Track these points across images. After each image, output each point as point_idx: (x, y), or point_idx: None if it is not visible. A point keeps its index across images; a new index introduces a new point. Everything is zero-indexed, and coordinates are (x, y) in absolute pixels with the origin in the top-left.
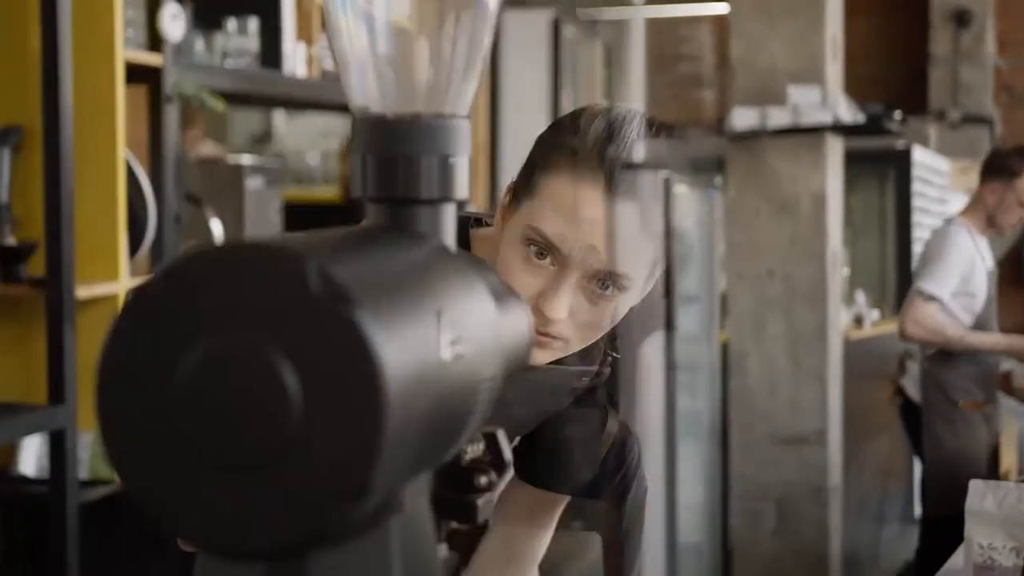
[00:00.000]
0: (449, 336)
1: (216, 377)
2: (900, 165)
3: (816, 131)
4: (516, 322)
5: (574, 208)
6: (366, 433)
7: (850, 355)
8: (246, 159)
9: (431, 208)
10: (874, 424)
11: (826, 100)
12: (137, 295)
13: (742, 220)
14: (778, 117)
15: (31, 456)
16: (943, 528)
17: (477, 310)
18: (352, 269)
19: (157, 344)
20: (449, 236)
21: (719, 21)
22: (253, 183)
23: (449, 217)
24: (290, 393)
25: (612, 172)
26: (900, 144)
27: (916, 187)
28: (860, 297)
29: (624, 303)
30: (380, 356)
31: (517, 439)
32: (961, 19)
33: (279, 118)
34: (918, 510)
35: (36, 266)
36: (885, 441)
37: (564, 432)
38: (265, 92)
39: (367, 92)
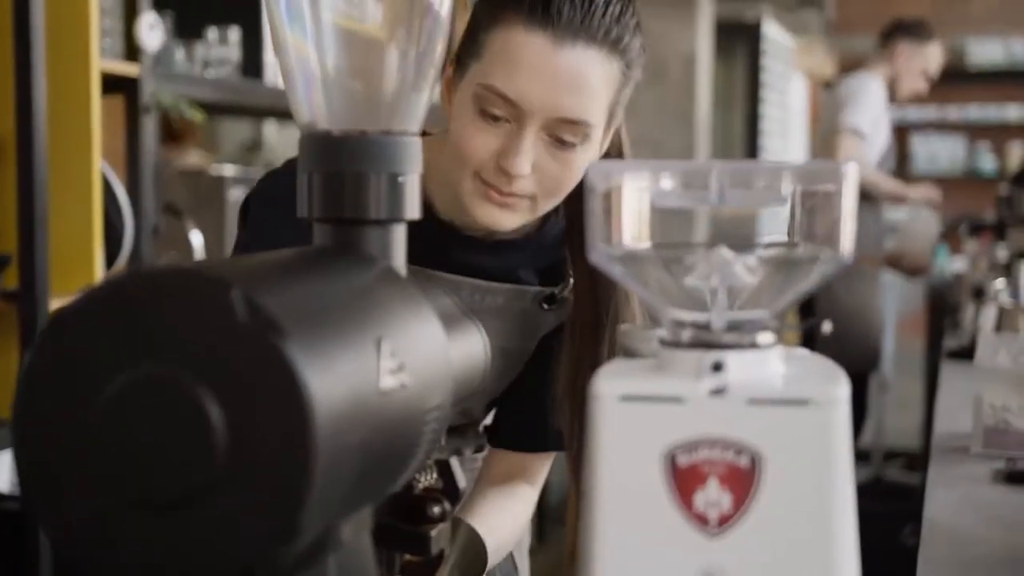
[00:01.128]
0: (390, 365)
1: (137, 409)
2: (750, 38)
3: None
4: (469, 346)
5: (528, 58)
6: (295, 469)
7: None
8: (229, 169)
9: (380, 228)
10: None
11: None
12: (57, 320)
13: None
14: None
15: (4, 472)
16: None
17: (424, 336)
18: (283, 297)
19: (75, 373)
20: (399, 257)
21: None
22: (236, 194)
23: (399, 237)
24: (214, 427)
25: (564, 16)
26: (751, 16)
27: (764, 62)
28: None
29: (586, 156)
30: (309, 388)
31: (491, 415)
32: None
33: (270, 127)
34: None
35: (9, 279)
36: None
37: (539, 394)
38: (246, 102)
39: (313, 107)
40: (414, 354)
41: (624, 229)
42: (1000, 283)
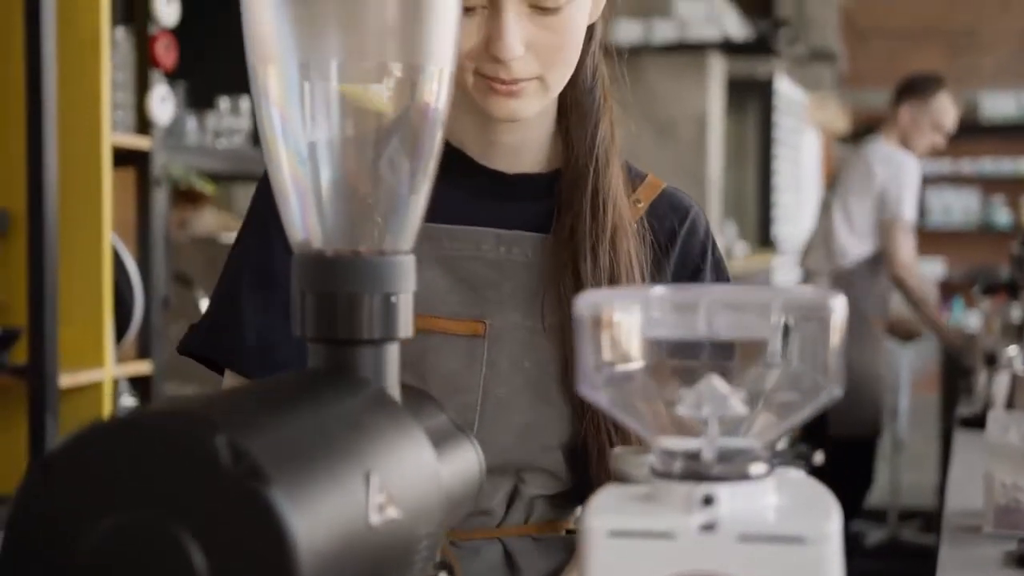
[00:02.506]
0: (379, 499)
1: (122, 554)
2: (762, 94)
3: (701, 48)
4: (462, 464)
5: None
6: None
7: None
8: None
9: (373, 348)
10: None
11: (712, 13)
12: (42, 464)
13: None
14: (664, 30)
15: None
16: (845, 448)
17: (414, 464)
18: (269, 438)
19: (59, 519)
20: (391, 376)
21: None
22: None
23: (392, 357)
24: (198, 573)
25: None
26: (763, 73)
27: (776, 118)
28: (730, 228)
29: (579, 12)
30: (294, 535)
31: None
32: None
33: None
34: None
35: (19, 354)
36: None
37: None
38: (257, 171)
39: (307, 227)
40: (404, 484)
41: (613, 358)
42: (1013, 350)
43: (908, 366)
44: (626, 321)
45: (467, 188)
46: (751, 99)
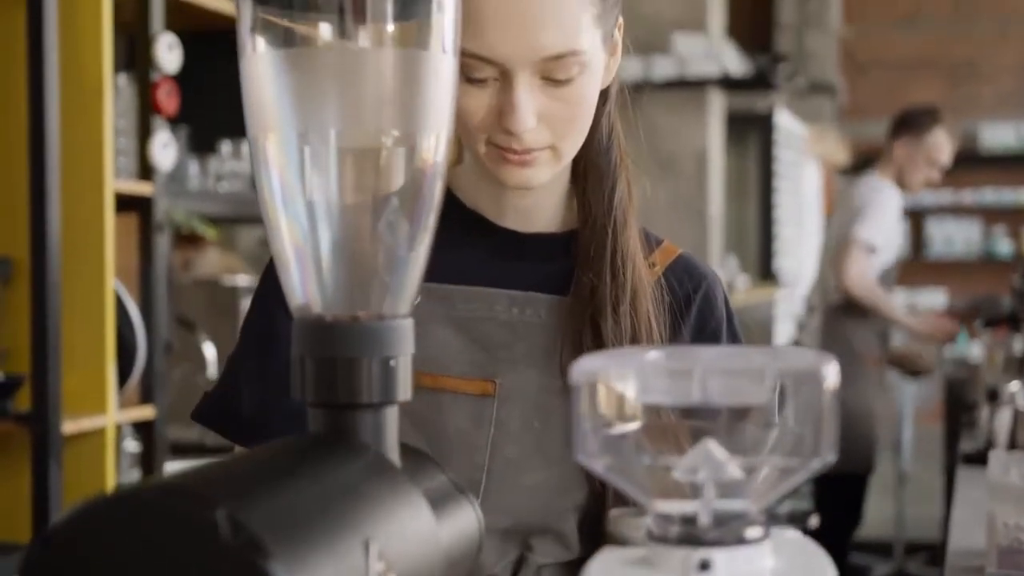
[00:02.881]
0: (378, 567)
1: None
2: (762, 128)
3: (700, 84)
4: (461, 525)
5: (487, 8)
6: None
7: None
8: (242, 280)
9: (372, 412)
10: None
11: (711, 50)
12: (43, 539)
13: None
14: (663, 67)
15: None
16: (835, 486)
17: (413, 529)
18: (267, 510)
19: None
20: (391, 439)
21: None
22: (248, 305)
23: (391, 420)
24: None
25: None
26: (762, 107)
27: (777, 151)
28: (732, 262)
29: (590, 82)
30: None
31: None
32: None
33: None
34: None
35: (22, 401)
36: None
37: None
38: (258, 214)
39: (307, 291)
40: (403, 550)
41: (609, 423)
42: (1015, 385)
43: (912, 398)
44: (622, 387)
45: (483, 248)
46: (751, 133)
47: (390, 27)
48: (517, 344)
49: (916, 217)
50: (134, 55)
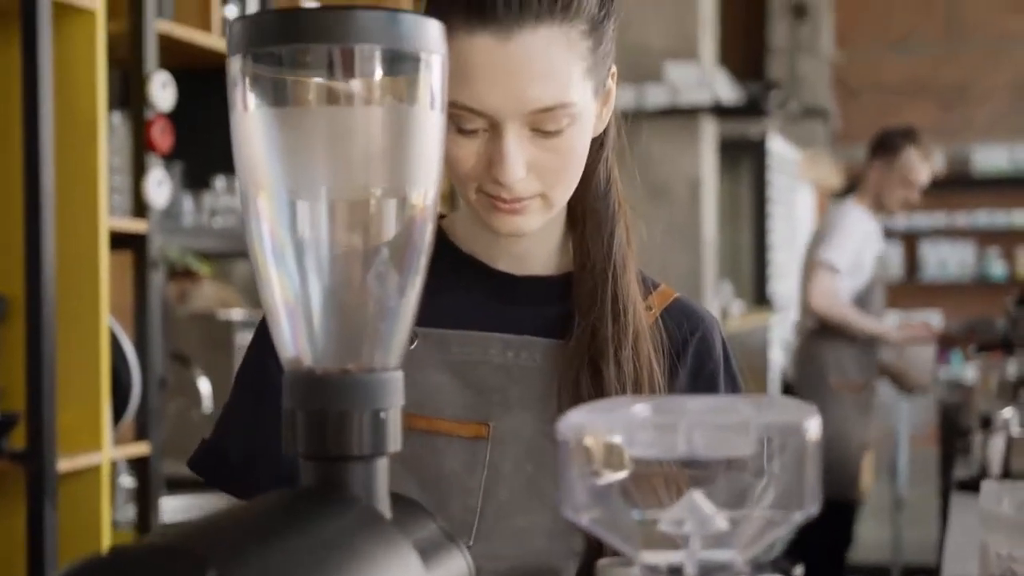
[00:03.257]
0: None
1: None
2: (755, 154)
3: (693, 112)
4: (452, 574)
5: (477, 62)
6: None
7: None
8: (237, 314)
9: (363, 464)
10: None
11: (703, 78)
12: None
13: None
14: (656, 95)
15: None
16: (822, 513)
17: None
18: (257, 568)
19: None
20: (381, 490)
21: None
22: (244, 338)
23: (382, 471)
24: None
25: (499, 6)
26: (755, 133)
27: (770, 177)
28: (726, 288)
29: (580, 133)
30: None
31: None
32: (799, 11)
33: None
34: None
35: (17, 439)
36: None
37: None
38: None
39: (298, 345)
40: None
41: (596, 477)
42: (1008, 412)
43: (907, 421)
44: (608, 441)
45: (478, 292)
46: (744, 158)
47: (378, 83)
48: (512, 388)
49: (910, 240)
50: (128, 93)
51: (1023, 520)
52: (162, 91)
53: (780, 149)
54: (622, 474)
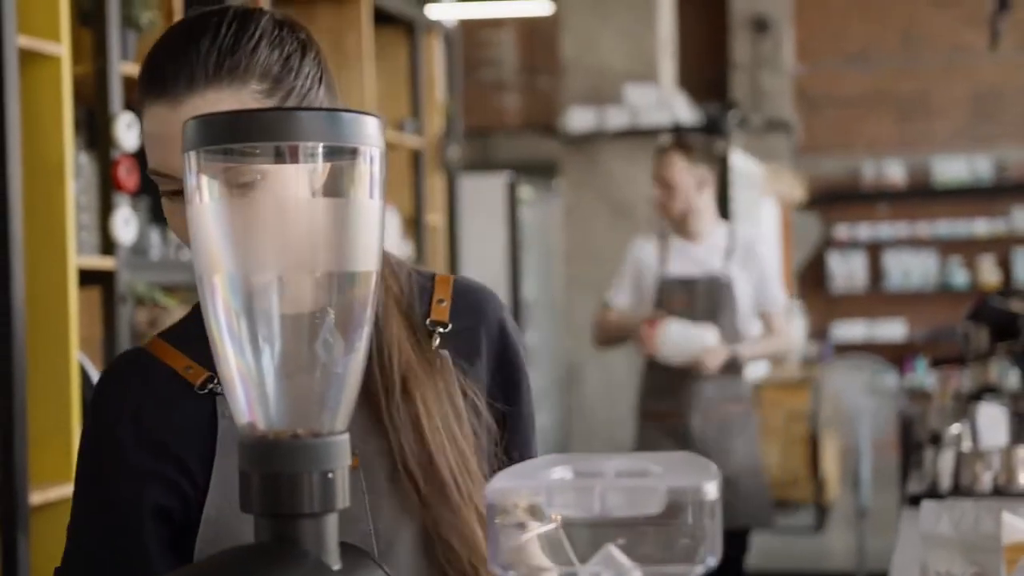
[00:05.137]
0: None
1: None
2: (718, 170)
3: (653, 133)
4: None
5: (158, 129)
6: None
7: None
8: None
9: (313, 520)
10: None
11: (663, 99)
12: None
13: (577, 224)
14: (617, 117)
15: None
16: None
17: None
18: None
19: None
20: (331, 543)
21: (523, 24)
22: None
23: (331, 526)
24: None
25: (169, 76)
26: (717, 149)
27: (733, 192)
28: None
29: (281, 191)
30: None
31: None
32: (760, 26)
33: None
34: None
35: None
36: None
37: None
38: None
39: (252, 411)
40: None
41: (520, 536)
42: (956, 428)
43: (870, 429)
44: (531, 504)
45: None
46: None
47: (320, 175)
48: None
49: (873, 250)
50: (94, 134)
51: (961, 538)
52: (127, 132)
53: (742, 164)
54: (543, 530)
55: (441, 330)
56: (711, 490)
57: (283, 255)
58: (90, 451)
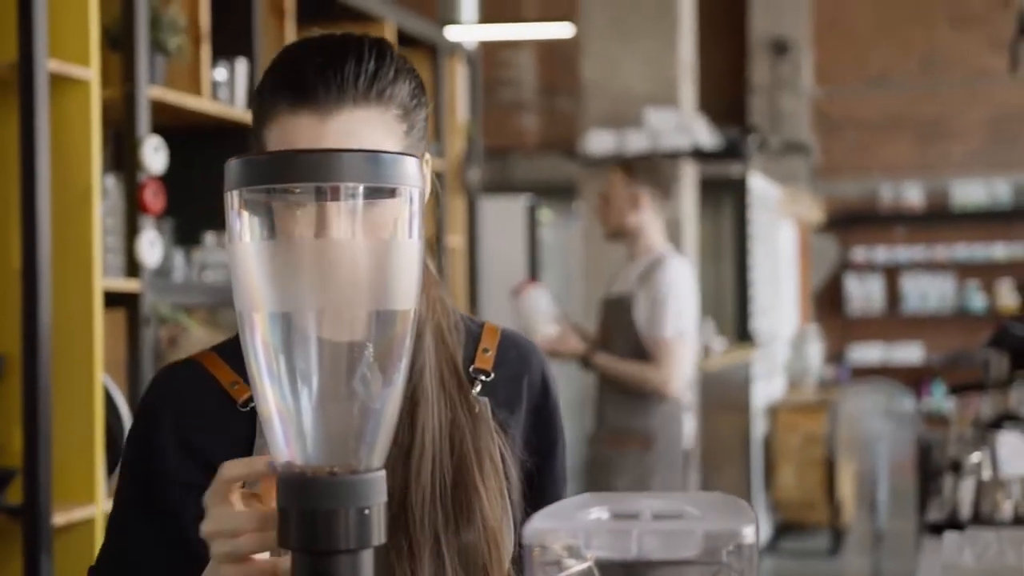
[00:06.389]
0: None
1: None
2: (736, 193)
3: (673, 156)
4: None
5: (299, 137)
6: None
7: (703, 386)
8: None
9: (350, 557)
10: (726, 454)
11: (683, 123)
12: None
13: (596, 246)
14: (637, 141)
15: None
16: None
17: None
18: None
19: None
20: None
21: (543, 45)
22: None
23: (367, 562)
24: None
25: (320, 90)
26: (736, 172)
27: (751, 214)
28: (708, 326)
29: (394, 208)
30: None
31: None
32: (779, 48)
33: None
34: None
35: (13, 494)
36: (733, 472)
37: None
38: None
39: (290, 450)
40: None
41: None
42: (976, 456)
43: (888, 453)
44: (569, 545)
45: None
46: (725, 197)
47: (361, 216)
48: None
49: (891, 273)
50: (121, 156)
51: (983, 570)
52: (154, 155)
53: (760, 187)
54: (578, 569)
55: (483, 378)
56: (749, 534)
57: (323, 294)
58: (133, 455)
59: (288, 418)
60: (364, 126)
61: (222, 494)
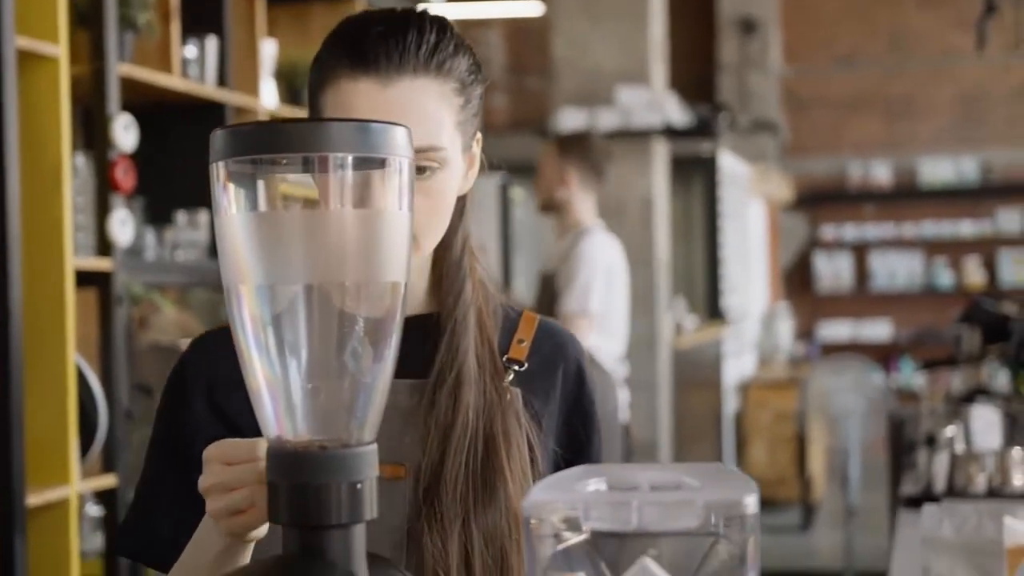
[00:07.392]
0: None
1: None
2: (706, 171)
3: (644, 134)
4: None
5: (358, 103)
6: None
7: (675, 363)
8: None
9: (341, 531)
10: (698, 432)
11: (654, 101)
12: None
13: None
14: (608, 118)
15: None
16: None
17: None
18: None
19: None
20: (358, 555)
21: (511, 24)
22: None
23: (359, 537)
24: None
25: (382, 58)
26: (706, 150)
27: (721, 192)
28: (679, 304)
29: (449, 179)
30: None
31: None
32: (747, 27)
33: None
34: None
35: None
36: (705, 448)
37: None
38: (215, 281)
39: (280, 424)
40: None
41: (556, 548)
42: (951, 430)
43: (856, 431)
44: (568, 517)
45: None
46: (695, 175)
47: (349, 187)
48: (415, 429)
49: (860, 250)
50: (92, 135)
51: (963, 542)
52: (124, 133)
53: (730, 165)
54: (579, 545)
55: (516, 368)
56: (751, 503)
57: (311, 266)
58: (167, 416)
59: (278, 392)
60: (423, 95)
61: (222, 449)
